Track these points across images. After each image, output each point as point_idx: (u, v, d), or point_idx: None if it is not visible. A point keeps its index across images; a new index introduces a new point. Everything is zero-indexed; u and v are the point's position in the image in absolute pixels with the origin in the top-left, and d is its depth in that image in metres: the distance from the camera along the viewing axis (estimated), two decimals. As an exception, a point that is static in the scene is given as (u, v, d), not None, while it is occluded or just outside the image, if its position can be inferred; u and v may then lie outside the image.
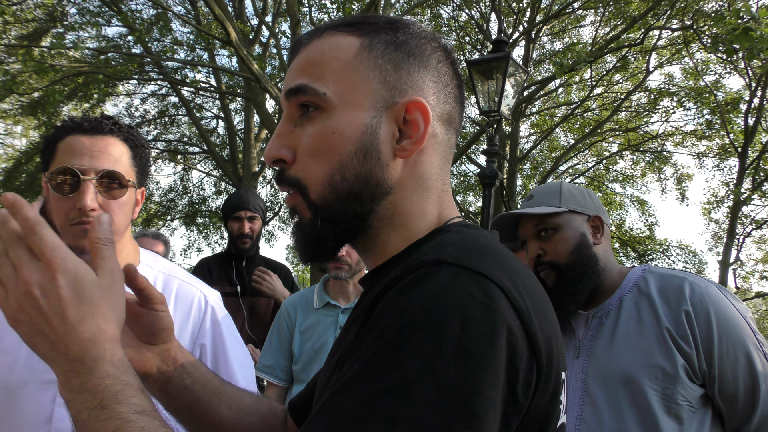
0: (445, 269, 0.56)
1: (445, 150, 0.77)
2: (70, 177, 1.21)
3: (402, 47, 0.74)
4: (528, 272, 0.65)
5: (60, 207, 1.22)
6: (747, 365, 1.34)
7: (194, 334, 1.35)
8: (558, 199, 1.57)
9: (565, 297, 1.51)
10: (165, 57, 11.96)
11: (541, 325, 0.58)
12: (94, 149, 1.24)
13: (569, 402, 1.46)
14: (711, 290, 1.40)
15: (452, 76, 0.78)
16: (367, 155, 0.70)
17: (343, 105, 0.71)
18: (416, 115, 0.72)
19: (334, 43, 0.73)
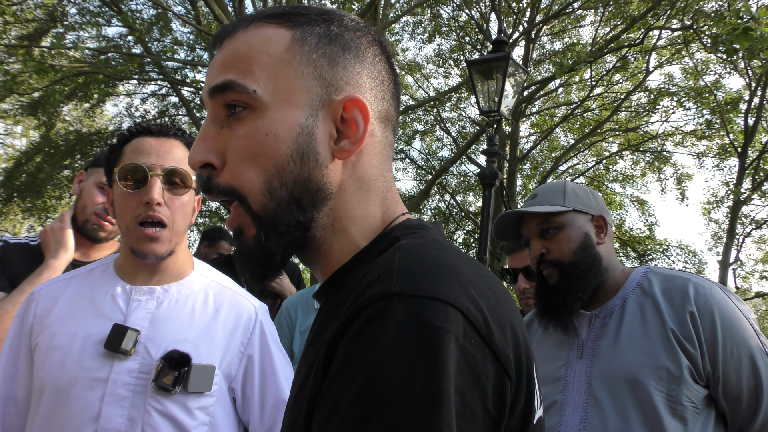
0: (396, 303, 0.52)
1: (385, 148, 0.74)
2: (138, 174, 1.28)
3: (336, 41, 0.69)
4: (482, 271, 0.62)
5: (127, 204, 1.28)
6: (750, 367, 1.34)
7: (243, 345, 1.37)
8: (562, 198, 1.57)
9: (568, 296, 1.51)
10: (165, 57, 11.96)
11: (503, 331, 0.56)
12: (160, 149, 1.31)
13: (573, 402, 1.46)
14: (715, 291, 1.40)
15: (388, 71, 0.74)
16: (304, 158, 0.66)
17: (275, 103, 0.66)
18: (354, 114, 0.68)
19: (263, 36, 0.68)
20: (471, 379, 0.52)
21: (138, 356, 1.24)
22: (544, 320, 1.57)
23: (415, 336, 0.50)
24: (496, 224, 1.67)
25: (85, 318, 1.27)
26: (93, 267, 1.40)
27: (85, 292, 1.33)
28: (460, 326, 0.52)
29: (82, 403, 1.19)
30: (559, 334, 1.58)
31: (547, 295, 1.55)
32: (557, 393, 1.51)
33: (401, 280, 0.54)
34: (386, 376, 0.49)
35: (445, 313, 0.52)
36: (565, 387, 1.50)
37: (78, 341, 1.24)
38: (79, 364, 1.22)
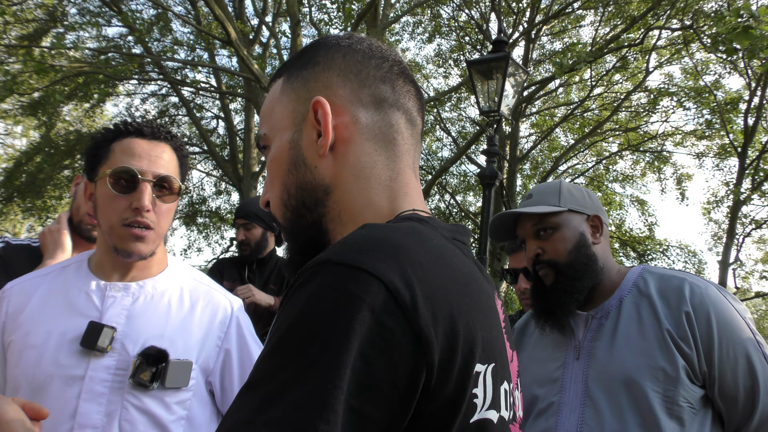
0: (328, 269, 0.57)
1: (380, 131, 0.77)
2: (129, 177, 1.28)
3: (309, 63, 0.80)
4: (443, 261, 0.64)
5: (114, 206, 1.28)
6: (747, 366, 1.34)
7: (220, 339, 1.39)
8: (557, 198, 1.57)
9: (564, 296, 1.50)
10: (165, 57, 11.96)
11: (435, 317, 0.57)
12: (152, 153, 1.32)
13: (570, 403, 1.46)
14: (711, 291, 1.40)
15: (365, 60, 0.79)
16: (297, 166, 0.77)
17: (275, 135, 0.80)
18: (320, 112, 0.75)
19: (271, 91, 0.84)
20: (382, 352, 0.53)
21: (115, 353, 1.24)
22: (540, 321, 1.57)
23: (331, 300, 0.55)
24: (492, 225, 1.66)
25: (59, 315, 1.27)
26: (66, 264, 1.40)
27: (59, 289, 1.32)
28: (381, 299, 0.54)
29: (58, 401, 1.20)
30: (555, 335, 1.57)
31: (543, 295, 1.55)
32: (554, 394, 1.50)
33: (340, 251, 0.58)
34: (297, 332, 0.54)
35: (367, 284, 0.55)
36: (562, 388, 1.49)
37: (53, 339, 1.24)
38: (55, 361, 1.22)
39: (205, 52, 14.15)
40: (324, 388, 0.51)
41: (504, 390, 0.66)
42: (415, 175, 0.81)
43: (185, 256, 18.62)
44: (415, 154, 0.82)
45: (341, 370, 0.51)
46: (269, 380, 0.53)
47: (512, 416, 0.70)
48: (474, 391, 0.60)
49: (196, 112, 15.02)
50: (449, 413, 0.58)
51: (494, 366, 0.64)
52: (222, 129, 16.29)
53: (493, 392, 0.63)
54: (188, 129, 16.83)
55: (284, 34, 12.37)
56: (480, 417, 0.61)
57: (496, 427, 0.63)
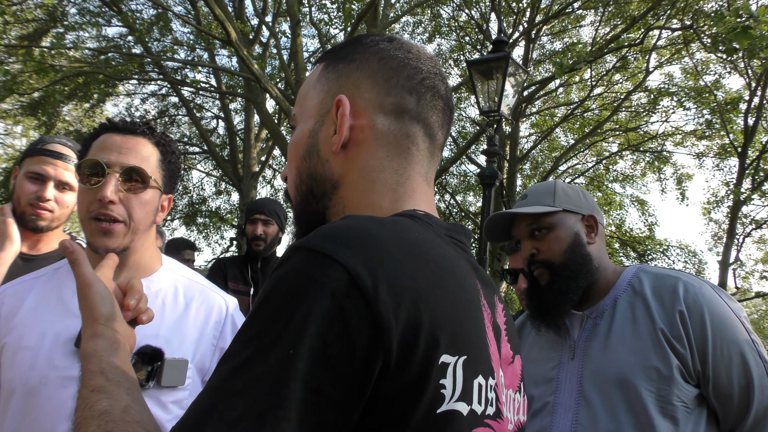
0: (297, 253, 0.61)
1: (395, 140, 0.79)
2: (96, 170, 1.26)
3: (347, 58, 0.82)
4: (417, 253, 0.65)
5: (83, 199, 1.28)
6: (741, 365, 1.34)
7: (215, 338, 1.39)
8: (552, 198, 1.57)
9: (559, 296, 1.50)
10: (165, 57, 11.96)
11: (398, 306, 0.59)
12: (123, 146, 1.30)
13: (565, 403, 1.46)
14: (705, 290, 1.40)
15: (399, 68, 0.80)
16: (311, 155, 0.80)
17: (301, 120, 0.84)
18: (340, 111, 0.78)
19: (311, 74, 0.87)
20: (340, 334, 0.56)
21: None
22: (536, 321, 1.57)
23: (296, 282, 0.58)
24: (487, 225, 1.66)
25: (53, 317, 1.27)
26: (59, 266, 1.39)
27: (52, 291, 1.32)
28: (342, 283, 0.57)
29: (54, 402, 1.19)
30: (551, 335, 1.57)
31: (538, 295, 1.55)
32: (549, 394, 1.50)
33: (312, 237, 0.62)
34: (264, 312, 0.59)
35: (329, 269, 0.58)
36: (557, 388, 1.49)
37: (47, 341, 1.23)
38: (50, 363, 1.21)
39: (205, 52, 14.16)
40: (280, 364, 0.54)
41: (478, 384, 0.66)
42: (426, 183, 0.82)
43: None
44: (430, 165, 0.83)
45: (299, 348, 0.55)
46: (236, 355, 0.57)
47: (495, 413, 0.70)
48: (442, 381, 0.61)
49: (196, 112, 15.02)
50: (410, 399, 0.59)
51: (466, 359, 0.64)
52: (222, 129, 16.31)
53: (463, 384, 0.64)
54: (188, 129, 16.84)
55: (284, 34, 12.38)
56: (448, 408, 0.62)
57: (465, 420, 0.64)
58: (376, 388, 0.57)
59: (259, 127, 13.55)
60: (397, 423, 0.59)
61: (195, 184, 17.84)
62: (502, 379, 0.75)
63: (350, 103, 0.78)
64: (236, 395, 0.54)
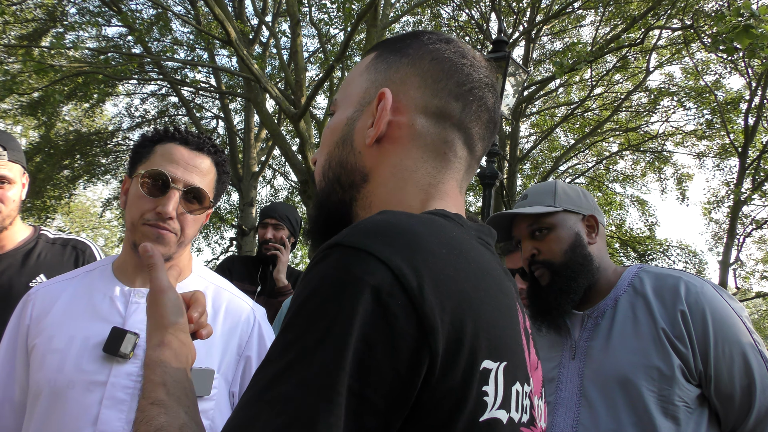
0: (336, 251, 0.58)
1: (432, 143, 0.76)
2: (161, 181, 1.28)
3: (400, 52, 0.80)
4: (457, 253, 0.63)
5: (141, 205, 1.28)
6: (743, 365, 1.34)
7: (240, 347, 1.37)
8: (552, 198, 1.56)
9: (559, 296, 1.50)
10: (165, 57, 11.96)
11: (447, 307, 0.57)
12: (189, 162, 1.32)
13: (566, 403, 1.46)
14: (706, 289, 1.39)
15: (450, 72, 0.78)
16: (345, 144, 0.79)
17: (342, 106, 0.82)
18: (381, 105, 0.76)
19: (362, 61, 0.85)
20: (385, 336, 0.54)
21: (137, 359, 1.22)
22: (537, 322, 1.56)
23: (336, 282, 0.56)
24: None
25: (83, 321, 1.26)
26: (91, 268, 1.39)
27: (83, 294, 1.31)
28: (386, 282, 0.55)
29: (80, 406, 1.18)
30: (552, 334, 1.57)
31: (538, 295, 1.55)
32: (550, 394, 1.50)
33: (350, 234, 0.59)
34: (304, 313, 0.56)
35: (373, 267, 0.55)
36: (558, 388, 1.49)
37: (76, 344, 1.23)
38: (78, 367, 1.21)
39: (204, 52, 14.15)
40: (324, 369, 0.52)
41: (516, 391, 0.65)
42: (459, 190, 0.80)
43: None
44: (466, 175, 0.81)
45: (344, 351, 0.52)
46: (278, 359, 0.55)
47: (528, 420, 0.68)
48: (484, 388, 0.59)
49: (195, 112, 15.02)
50: (454, 407, 0.57)
51: (506, 365, 0.63)
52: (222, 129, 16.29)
53: (504, 392, 0.62)
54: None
55: (284, 34, 12.39)
56: (490, 416, 0.60)
57: (505, 427, 0.62)
58: (420, 393, 0.55)
59: (259, 127, 13.55)
60: (442, 430, 0.57)
61: (195, 184, 17.82)
62: (533, 387, 0.73)
63: (393, 98, 0.76)
64: (281, 402, 0.52)
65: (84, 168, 14.83)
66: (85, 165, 14.80)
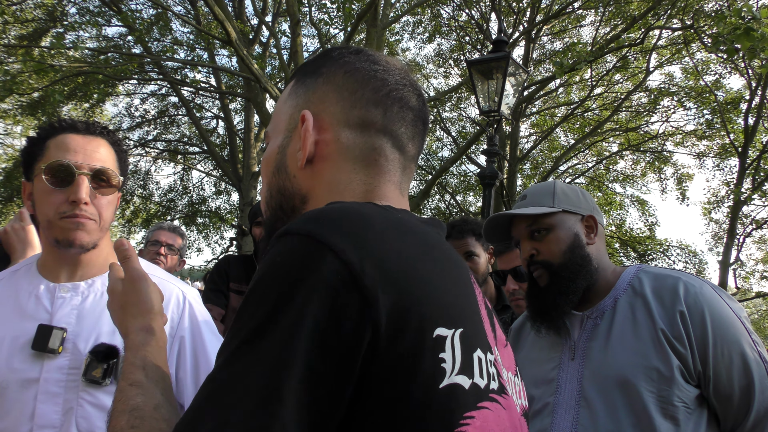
0: (283, 239, 0.62)
1: (361, 153, 0.78)
2: (65, 171, 1.27)
3: (315, 72, 0.83)
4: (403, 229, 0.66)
5: (51, 200, 1.27)
6: (742, 365, 1.33)
7: (173, 328, 1.39)
8: (551, 199, 1.56)
9: (558, 297, 1.50)
10: (165, 57, 11.96)
11: (390, 278, 0.59)
12: (87, 148, 1.31)
13: (565, 404, 1.46)
14: (705, 290, 1.39)
15: (365, 81, 0.80)
16: (280, 171, 0.81)
17: (273, 136, 0.85)
18: (304, 126, 0.78)
19: (284, 91, 0.88)
20: (330, 310, 0.57)
21: (67, 353, 1.25)
22: (536, 323, 1.56)
23: (280, 265, 0.60)
24: (486, 226, 1.66)
25: (10, 321, 1.28)
26: (16, 268, 1.40)
27: (9, 294, 1.32)
28: (327, 261, 0.58)
29: (16, 404, 1.21)
30: (551, 335, 1.57)
31: (537, 296, 1.55)
32: (549, 395, 1.50)
33: (297, 222, 0.63)
34: (256, 295, 0.60)
35: (314, 248, 0.59)
36: (558, 389, 1.49)
37: (5, 345, 1.25)
38: (9, 366, 1.23)
39: (204, 52, 14.16)
40: (274, 345, 0.55)
41: (477, 357, 0.66)
42: (400, 192, 0.81)
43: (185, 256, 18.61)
44: (403, 176, 0.82)
45: (290, 328, 0.56)
46: (231, 341, 0.59)
47: (498, 387, 0.69)
48: (441, 355, 0.61)
49: (195, 112, 15.02)
50: (407, 376, 0.58)
51: (462, 331, 0.64)
52: (222, 129, 16.32)
53: (462, 357, 0.63)
54: (188, 129, 16.84)
55: (284, 34, 12.38)
56: (450, 382, 0.61)
57: (468, 393, 0.63)
58: (368, 364, 0.57)
59: (259, 126, 13.56)
60: (399, 401, 0.58)
61: (195, 184, 17.85)
62: (500, 359, 0.75)
63: (315, 117, 0.78)
64: (233, 380, 0.55)
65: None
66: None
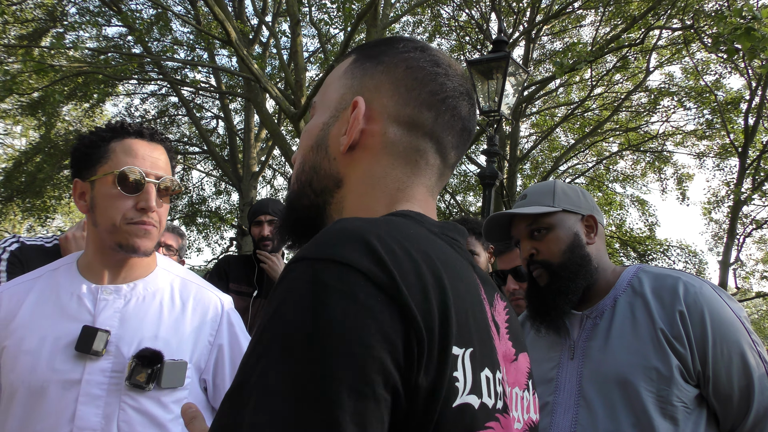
0: (301, 265, 0.58)
1: (403, 152, 0.78)
2: (136, 178, 1.30)
3: (376, 58, 0.81)
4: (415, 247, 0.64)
5: (119, 205, 1.29)
6: (741, 365, 1.33)
7: (212, 336, 1.42)
8: (551, 198, 1.56)
9: (558, 297, 1.50)
10: (165, 57, 11.96)
11: (417, 296, 0.58)
12: (152, 155, 1.35)
13: (564, 403, 1.46)
14: (705, 290, 1.39)
15: (424, 81, 0.79)
16: (319, 149, 0.80)
17: (320, 109, 0.83)
18: (355, 113, 0.77)
19: (340, 65, 0.86)
20: (377, 333, 0.54)
21: (110, 356, 1.25)
22: (535, 322, 1.56)
23: (306, 293, 0.55)
24: (486, 226, 1.66)
25: (52, 320, 1.28)
26: (55, 267, 1.40)
27: (50, 293, 1.32)
28: (359, 285, 0.55)
29: (56, 405, 1.20)
30: (551, 335, 1.57)
31: (537, 296, 1.55)
32: (549, 394, 1.50)
33: (311, 246, 0.60)
34: (276, 328, 0.55)
35: (341, 273, 0.56)
36: (557, 388, 1.49)
37: (48, 344, 1.24)
38: (51, 367, 1.22)
39: (204, 52, 14.16)
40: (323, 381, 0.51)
41: (486, 377, 0.66)
42: (430, 195, 0.80)
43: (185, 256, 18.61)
44: (438, 182, 0.81)
45: (339, 360, 0.52)
46: (250, 378, 0.54)
47: (503, 407, 0.69)
48: (455, 374, 0.60)
49: (195, 112, 15.02)
50: (432, 393, 0.58)
51: (472, 351, 0.64)
52: (222, 129, 16.31)
53: (473, 377, 0.63)
54: (188, 129, 16.84)
55: (284, 34, 12.37)
56: (462, 402, 0.61)
57: (478, 413, 0.63)
58: (415, 382, 0.56)
59: (259, 127, 13.55)
60: (423, 419, 0.57)
61: (195, 184, 17.84)
62: (506, 377, 0.74)
63: (367, 106, 0.77)
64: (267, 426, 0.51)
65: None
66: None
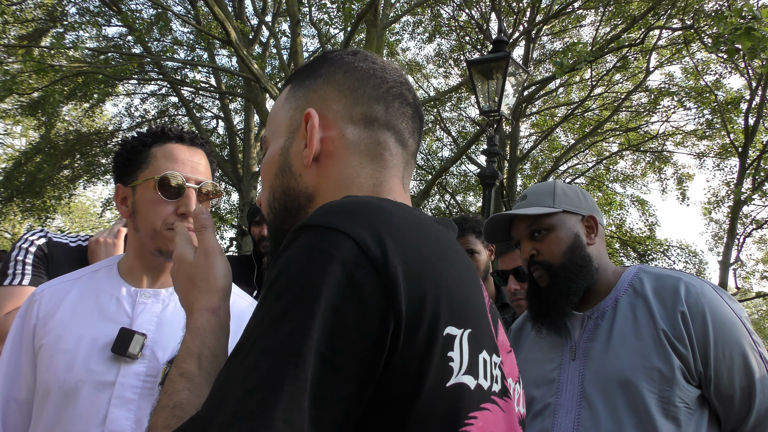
0: (302, 232, 0.62)
1: (366, 149, 0.80)
2: (177, 183, 1.31)
3: (313, 75, 0.84)
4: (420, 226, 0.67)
5: (159, 211, 1.30)
6: (743, 366, 1.33)
7: None
8: (552, 199, 1.56)
9: (558, 297, 1.50)
10: (165, 57, 11.96)
11: (409, 273, 0.60)
12: (192, 160, 1.36)
13: (566, 404, 1.45)
14: (706, 290, 1.39)
15: (365, 79, 0.82)
16: (284, 172, 0.82)
17: (272, 140, 0.86)
18: (309, 124, 0.79)
19: (279, 96, 0.90)
20: (353, 303, 0.57)
21: (145, 359, 1.25)
22: (536, 323, 1.56)
23: (304, 257, 0.59)
24: (487, 226, 1.66)
25: (90, 321, 1.28)
26: (97, 268, 1.40)
27: (90, 294, 1.33)
28: (352, 254, 0.58)
29: (89, 406, 1.20)
30: (552, 336, 1.56)
31: (538, 297, 1.54)
32: (550, 395, 1.50)
33: (315, 215, 0.63)
34: (275, 289, 0.59)
35: (338, 241, 0.59)
36: (558, 389, 1.49)
37: (84, 345, 1.24)
38: (86, 367, 1.22)
39: (204, 52, 14.15)
40: (293, 336, 0.55)
41: (483, 359, 0.67)
42: (403, 186, 0.83)
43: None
44: (405, 171, 0.84)
45: (311, 320, 0.55)
46: (251, 333, 0.58)
47: (501, 390, 0.70)
48: (449, 354, 0.61)
49: (195, 112, 15.01)
50: (417, 373, 0.59)
51: (471, 332, 0.65)
52: (222, 129, 16.29)
53: (470, 358, 0.64)
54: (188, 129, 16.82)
55: (284, 34, 12.37)
56: (456, 381, 0.62)
57: (473, 394, 0.64)
58: (389, 358, 0.58)
59: (259, 127, 13.54)
60: (408, 397, 0.59)
61: (195, 184, 17.80)
62: (503, 362, 0.75)
63: (319, 115, 0.80)
64: (247, 372, 0.55)
65: (84, 168, 14.82)
66: (85, 165, 14.79)
